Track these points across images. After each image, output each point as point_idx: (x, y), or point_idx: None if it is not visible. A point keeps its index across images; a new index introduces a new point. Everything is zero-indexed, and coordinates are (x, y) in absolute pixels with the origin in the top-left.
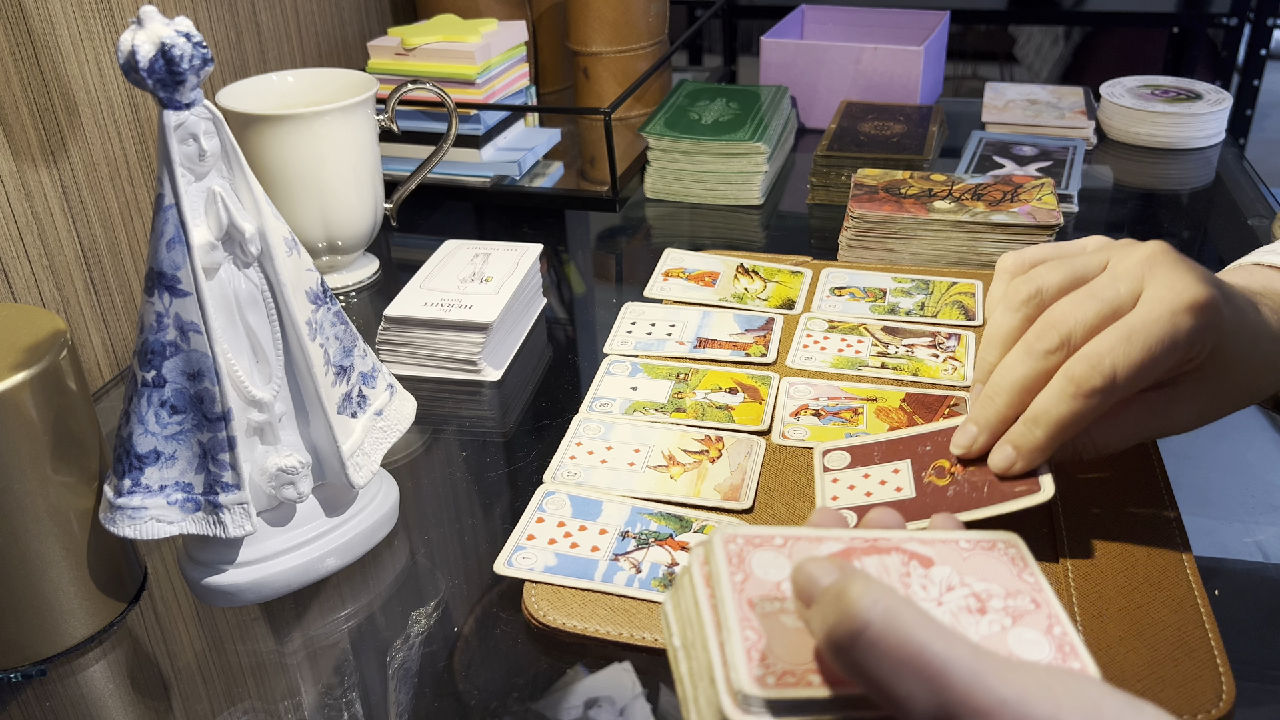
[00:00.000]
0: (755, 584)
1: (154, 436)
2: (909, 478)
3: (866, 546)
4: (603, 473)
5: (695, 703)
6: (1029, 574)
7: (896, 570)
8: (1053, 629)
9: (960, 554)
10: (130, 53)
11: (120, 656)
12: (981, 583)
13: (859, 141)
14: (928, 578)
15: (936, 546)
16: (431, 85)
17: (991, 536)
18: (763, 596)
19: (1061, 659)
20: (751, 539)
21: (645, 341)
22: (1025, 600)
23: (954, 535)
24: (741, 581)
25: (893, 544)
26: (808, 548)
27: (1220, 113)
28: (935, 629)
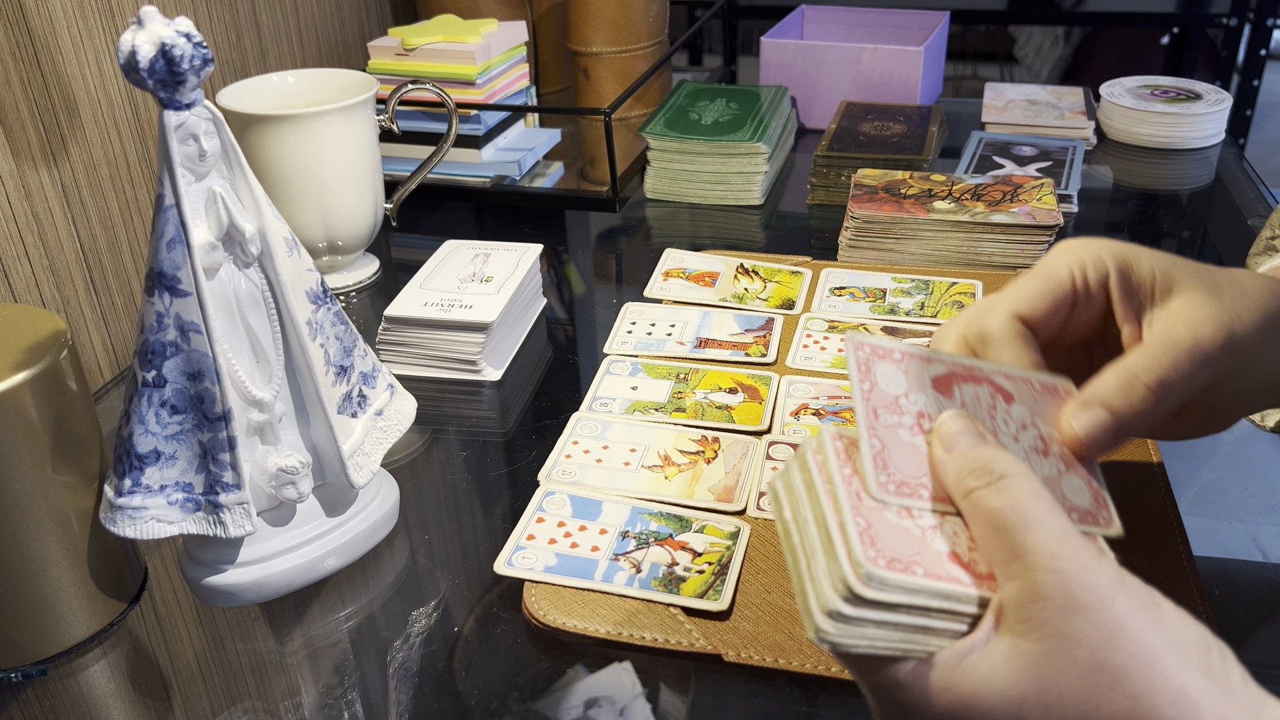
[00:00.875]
0: (878, 395)
1: (154, 436)
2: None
3: (964, 374)
4: (598, 472)
5: (809, 573)
6: None
7: (985, 401)
8: (1092, 481)
9: (1034, 394)
10: (130, 53)
11: (120, 656)
12: (1046, 425)
13: (859, 142)
14: (1009, 413)
15: (1017, 384)
16: (431, 85)
17: (1054, 382)
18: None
19: (1095, 508)
20: (877, 349)
21: (645, 341)
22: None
23: (1029, 375)
24: (869, 390)
25: (984, 375)
26: (920, 366)
27: (1220, 113)
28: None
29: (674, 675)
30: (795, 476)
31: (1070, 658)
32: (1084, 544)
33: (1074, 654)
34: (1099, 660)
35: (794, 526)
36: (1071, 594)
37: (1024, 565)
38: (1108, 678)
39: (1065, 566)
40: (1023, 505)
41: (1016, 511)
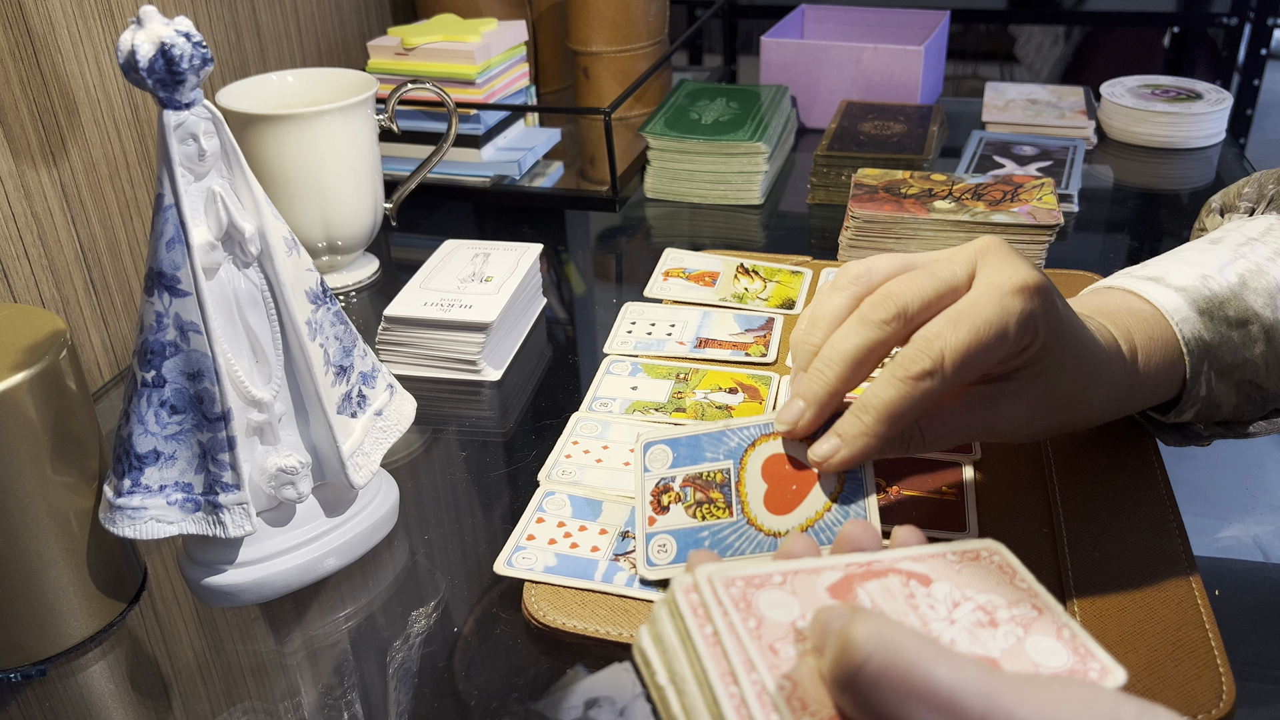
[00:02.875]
0: (770, 627)
1: (154, 436)
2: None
3: (863, 571)
4: (597, 472)
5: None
6: (1020, 580)
7: (900, 592)
8: (1062, 633)
9: (952, 568)
10: (130, 53)
11: (120, 656)
12: (983, 595)
13: (859, 141)
14: (931, 596)
15: (928, 563)
16: (431, 85)
17: (974, 546)
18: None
19: (1081, 662)
20: (750, 579)
21: (645, 341)
22: (1027, 607)
23: (940, 549)
24: (755, 627)
25: (886, 565)
26: (809, 580)
27: (1220, 112)
28: (940, 655)
29: None
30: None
31: None
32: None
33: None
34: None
35: (671, 691)
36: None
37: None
38: None
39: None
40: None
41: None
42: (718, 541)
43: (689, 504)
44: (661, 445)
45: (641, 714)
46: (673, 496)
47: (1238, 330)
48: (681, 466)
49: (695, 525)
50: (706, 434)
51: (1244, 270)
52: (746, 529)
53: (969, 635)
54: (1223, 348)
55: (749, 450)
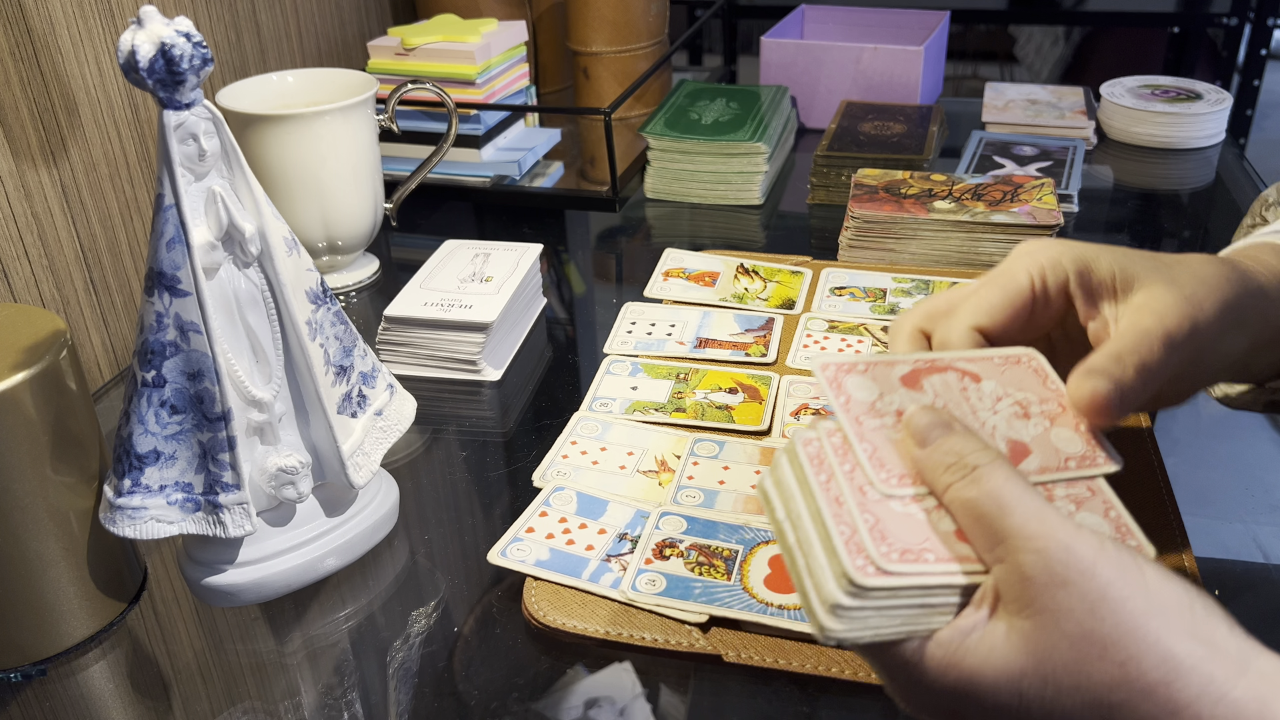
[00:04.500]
0: (855, 404)
1: (154, 436)
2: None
3: (927, 367)
4: (593, 474)
5: (809, 570)
6: (1051, 382)
7: (956, 385)
8: (1079, 427)
9: (998, 369)
10: (130, 53)
11: (120, 656)
12: (1020, 392)
13: (859, 141)
14: (980, 390)
15: (979, 363)
16: (431, 85)
17: (1015, 353)
18: (865, 413)
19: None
20: (841, 366)
21: (645, 341)
22: (1054, 405)
23: (988, 353)
24: (845, 402)
25: (946, 363)
26: (885, 371)
27: (1220, 113)
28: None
29: (674, 675)
30: (786, 473)
31: (1059, 631)
32: (1060, 520)
33: (1062, 627)
34: (1085, 631)
35: (788, 525)
36: (1054, 571)
37: (1006, 549)
38: (1095, 647)
39: (1044, 545)
40: (997, 492)
41: (992, 499)
42: (708, 592)
43: (690, 561)
44: (677, 518)
45: (641, 714)
46: (675, 552)
47: None
48: (692, 536)
49: (690, 577)
50: (725, 524)
51: None
52: (740, 593)
53: (1007, 423)
54: None
55: (761, 545)
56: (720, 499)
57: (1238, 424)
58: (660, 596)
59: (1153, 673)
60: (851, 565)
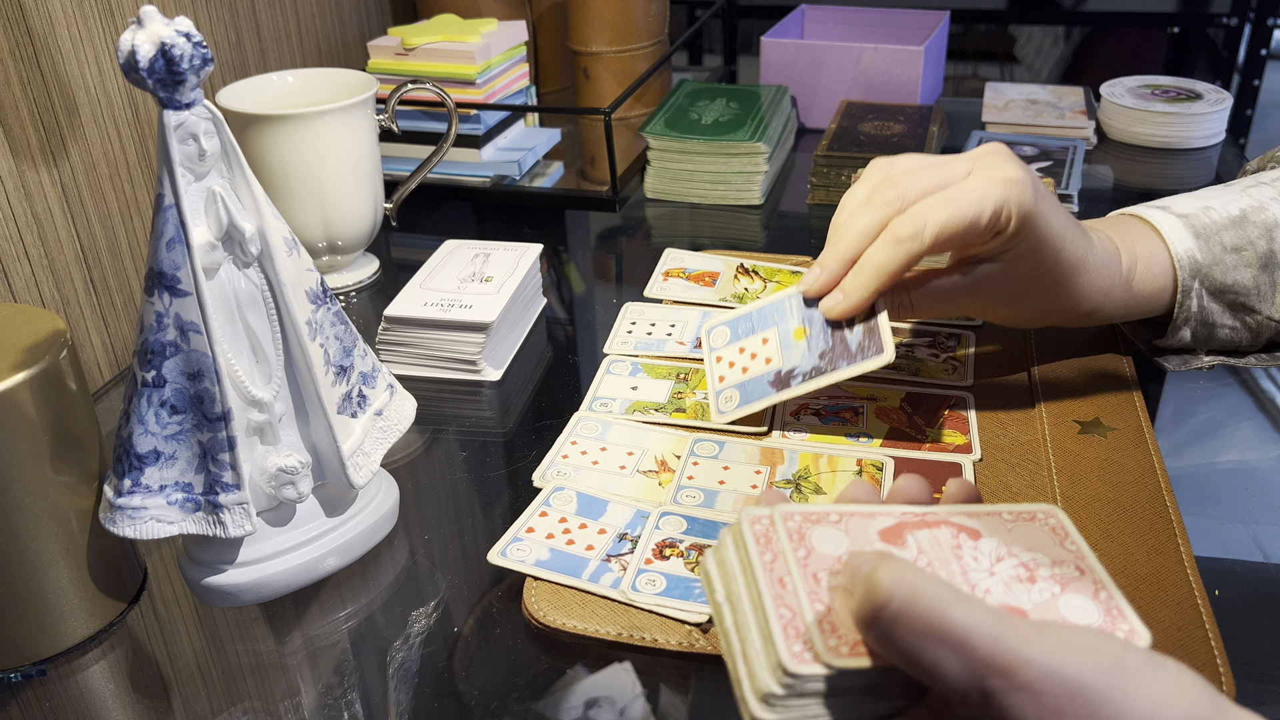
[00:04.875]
0: (818, 558)
1: (154, 436)
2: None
3: (917, 521)
4: (593, 474)
5: (743, 656)
6: (1070, 543)
7: (948, 543)
8: (1099, 594)
9: (1005, 526)
10: (130, 53)
11: (120, 656)
12: (1028, 553)
13: (859, 141)
14: (977, 549)
15: (982, 519)
16: (431, 85)
17: (1031, 509)
18: (827, 571)
19: (1110, 622)
20: (809, 515)
21: (645, 341)
22: (1070, 568)
23: (997, 509)
24: (805, 557)
25: (941, 518)
26: (862, 523)
27: (1220, 113)
28: (956, 598)
29: (674, 675)
30: (729, 553)
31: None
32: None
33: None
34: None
35: (727, 608)
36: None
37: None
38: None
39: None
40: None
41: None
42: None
43: (690, 561)
44: (677, 518)
45: (641, 714)
46: (675, 552)
47: (1231, 254)
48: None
49: (690, 577)
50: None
51: (1246, 205)
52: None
53: (1005, 588)
54: (1214, 268)
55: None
56: (720, 499)
57: (1238, 424)
58: (660, 596)
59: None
60: (787, 652)
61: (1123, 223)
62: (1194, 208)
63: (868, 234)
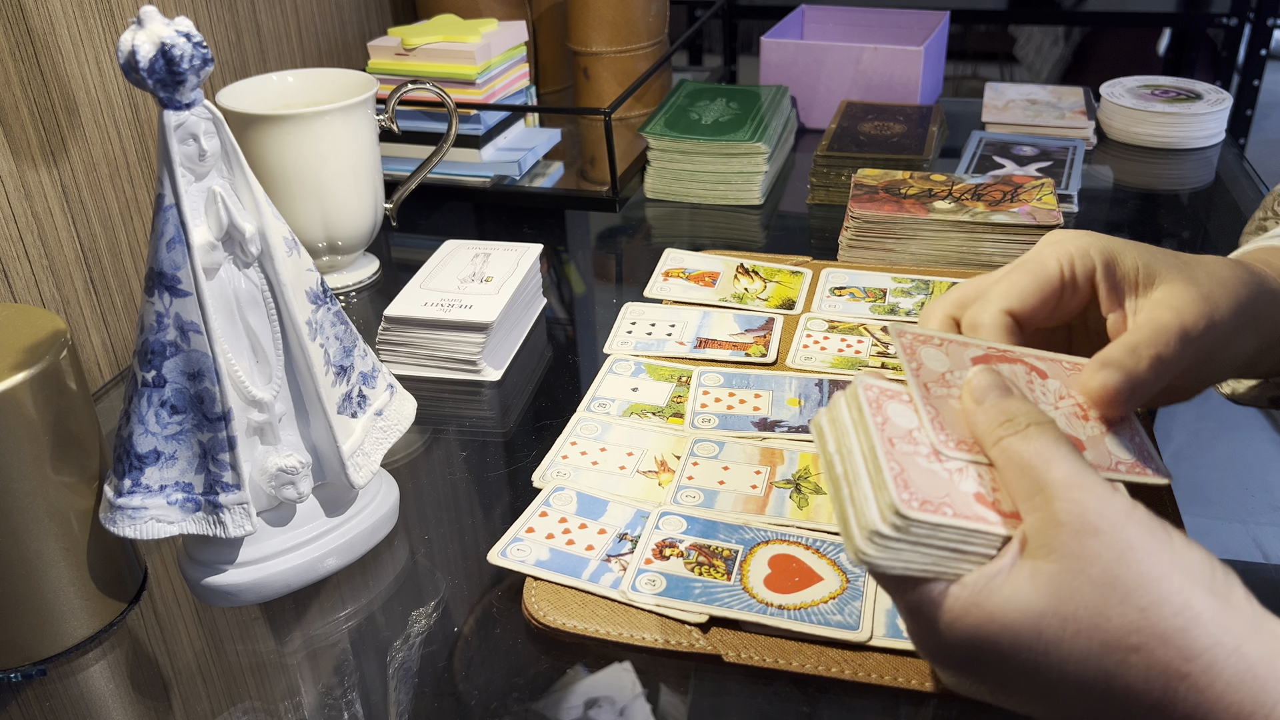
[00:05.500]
0: (892, 427)
1: (154, 436)
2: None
3: (999, 355)
4: (592, 474)
5: (851, 498)
6: None
7: (1022, 377)
8: (1134, 437)
9: (1065, 371)
10: (130, 53)
11: (120, 656)
12: (1083, 394)
13: (859, 141)
14: (1045, 387)
15: (1048, 363)
16: (431, 85)
17: (1083, 361)
18: (899, 438)
19: (1141, 461)
20: (918, 336)
21: (645, 341)
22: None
23: (1059, 357)
24: (881, 423)
25: (1017, 356)
26: (959, 349)
27: (1220, 113)
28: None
29: (674, 675)
30: (843, 412)
31: (1085, 575)
32: (1098, 479)
33: (1088, 572)
34: (1110, 577)
35: (838, 458)
36: (1086, 519)
37: (1045, 498)
38: (1118, 592)
39: (1081, 496)
40: (1045, 448)
41: (1039, 453)
42: (708, 592)
43: (690, 561)
44: (677, 518)
45: (641, 714)
46: (675, 552)
47: None
48: (692, 536)
49: (690, 577)
50: (724, 524)
51: None
52: (740, 593)
53: (1066, 420)
54: None
55: (761, 545)
56: (720, 499)
57: (1238, 424)
58: (660, 597)
59: (1171, 619)
60: (898, 497)
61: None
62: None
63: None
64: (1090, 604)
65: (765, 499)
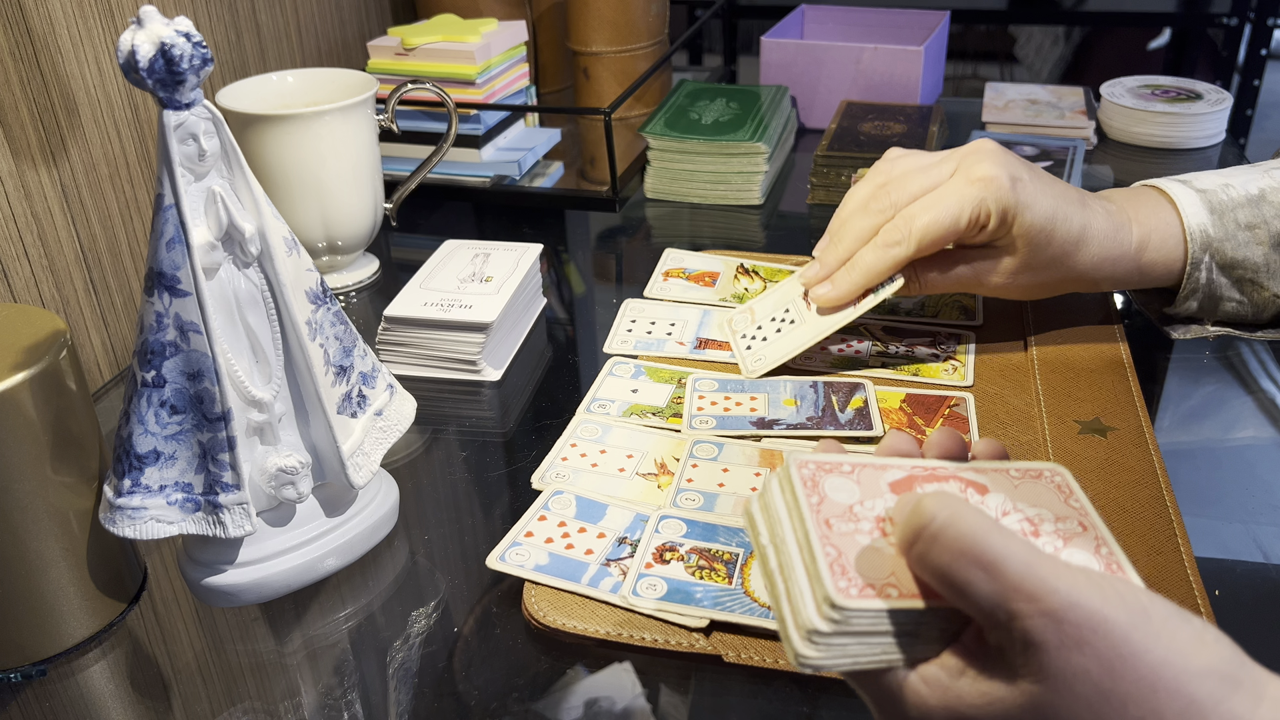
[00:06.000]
0: (830, 505)
1: (154, 436)
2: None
3: (926, 475)
4: (592, 476)
5: (787, 595)
6: (1074, 500)
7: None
8: (1100, 549)
9: (1011, 482)
10: (130, 53)
11: (120, 656)
12: (1033, 508)
13: (859, 141)
14: (984, 503)
15: (989, 475)
16: (431, 85)
17: (1038, 466)
18: (837, 517)
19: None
20: (822, 465)
21: (645, 341)
22: (1073, 524)
23: (1004, 465)
24: (817, 503)
25: (949, 473)
26: (873, 475)
27: (1220, 113)
28: (994, 527)
29: (674, 675)
30: (775, 497)
31: (1074, 695)
32: (1053, 568)
33: (1078, 691)
34: (1103, 692)
35: (771, 550)
36: (1064, 634)
37: (1005, 613)
38: (1115, 705)
39: (1048, 607)
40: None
41: (970, 559)
42: (709, 596)
43: (690, 565)
44: (677, 521)
45: (641, 714)
46: (676, 556)
47: (1244, 231)
48: (692, 539)
49: (691, 581)
50: (725, 527)
51: (1266, 185)
52: (742, 597)
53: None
54: (1226, 243)
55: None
56: (720, 502)
57: (1238, 424)
58: (661, 601)
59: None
60: (834, 587)
61: (1142, 194)
62: (1214, 184)
63: (862, 237)
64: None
65: None
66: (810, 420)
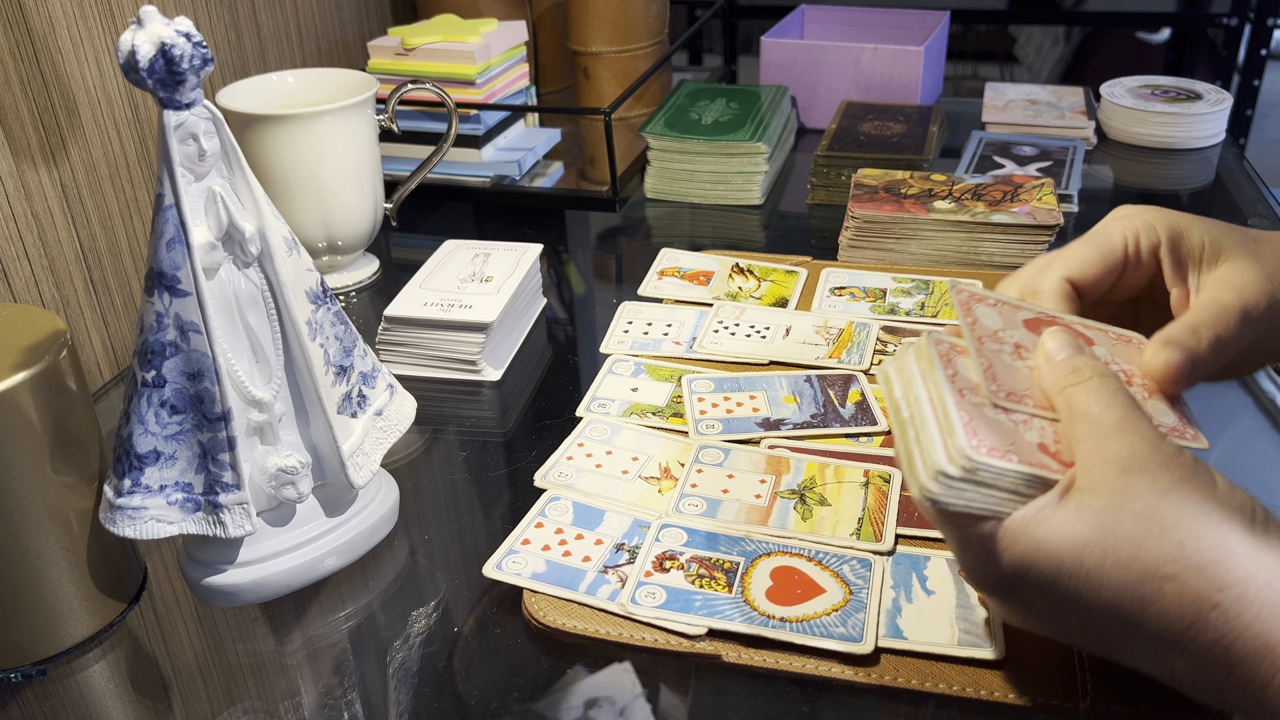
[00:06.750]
0: (980, 327)
1: (154, 436)
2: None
3: (1049, 320)
4: (594, 477)
5: (918, 441)
6: None
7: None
8: (1175, 405)
9: (1110, 341)
10: (130, 53)
11: (120, 656)
12: (1128, 363)
13: (859, 141)
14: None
15: (1094, 331)
16: (431, 85)
17: (1128, 334)
18: (987, 337)
19: (1181, 426)
20: (974, 295)
21: (642, 341)
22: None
23: (1104, 326)
24: (952, 375)
25: (1066, 322)
26: (1011, 311)
27: (1220, 113)
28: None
29: (674, 675)
30: (910, 363)
31: (1127, 510)
32: (1149, 425)
33: (1130, 506)
34: (1152, 511)
35: (904, 403)
36: (1133, 458)
37: (1097, 439)
38: (1157, 526)
39: (1130, 438)
40: (1104, 396)
41: (1098, 400)
42: (708, 605)
43: (690, 574)
44: (677, 529)
45: (641, 714)
46: (675, 564)
47: None
48: (693, 548)
49: (691, 589)
50: (725, 535)
51: None
52: (742, 605)
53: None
54: None
55: (763, 557)
56: (723, 509)
57: (1238, 424)
58: (661, 610)
59: (1207, 552)
60: (967, 443)
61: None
62: None
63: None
64: (1130, 535)
65: (769, 509)
66: (815, 418)
